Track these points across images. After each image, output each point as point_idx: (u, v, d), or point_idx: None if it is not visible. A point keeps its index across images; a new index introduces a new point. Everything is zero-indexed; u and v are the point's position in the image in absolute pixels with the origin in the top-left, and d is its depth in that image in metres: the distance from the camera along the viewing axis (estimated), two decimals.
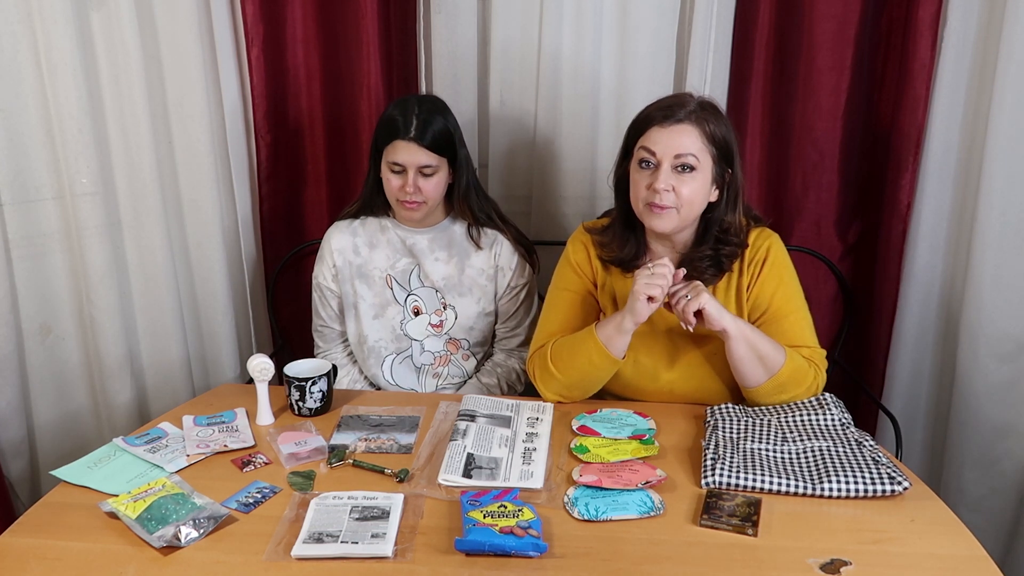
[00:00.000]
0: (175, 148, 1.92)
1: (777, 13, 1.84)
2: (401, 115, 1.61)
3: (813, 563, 1.08)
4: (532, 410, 1.50)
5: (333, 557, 1.09)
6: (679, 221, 1.45)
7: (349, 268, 1.76)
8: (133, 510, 1.15)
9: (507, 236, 1.76)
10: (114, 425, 1.90)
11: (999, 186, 1.72)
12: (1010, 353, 1.77)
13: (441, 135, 1.62)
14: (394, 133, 1.61)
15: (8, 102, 1.66)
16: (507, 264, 1.75)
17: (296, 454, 1.35)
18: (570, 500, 1.21)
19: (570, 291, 1.59)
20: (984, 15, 1.74)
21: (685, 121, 1.41)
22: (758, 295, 1.51)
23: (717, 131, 1.42)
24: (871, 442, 1.31)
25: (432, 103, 1.66)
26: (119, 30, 1.74)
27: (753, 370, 1.42)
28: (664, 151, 1.41)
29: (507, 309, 1.78)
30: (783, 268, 1.52)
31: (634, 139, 1.47)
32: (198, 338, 2.06)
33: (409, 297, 1.75)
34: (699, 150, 1.41)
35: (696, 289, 1.41)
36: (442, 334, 1.75)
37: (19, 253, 1.73)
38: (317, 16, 1.93)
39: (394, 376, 1.78)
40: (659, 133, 1.42)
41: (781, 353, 1.43)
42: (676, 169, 1.41)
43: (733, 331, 1.40)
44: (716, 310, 1.39)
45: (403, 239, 1.75)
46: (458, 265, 1.74)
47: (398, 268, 1.75)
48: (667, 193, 1.41)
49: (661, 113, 1.42)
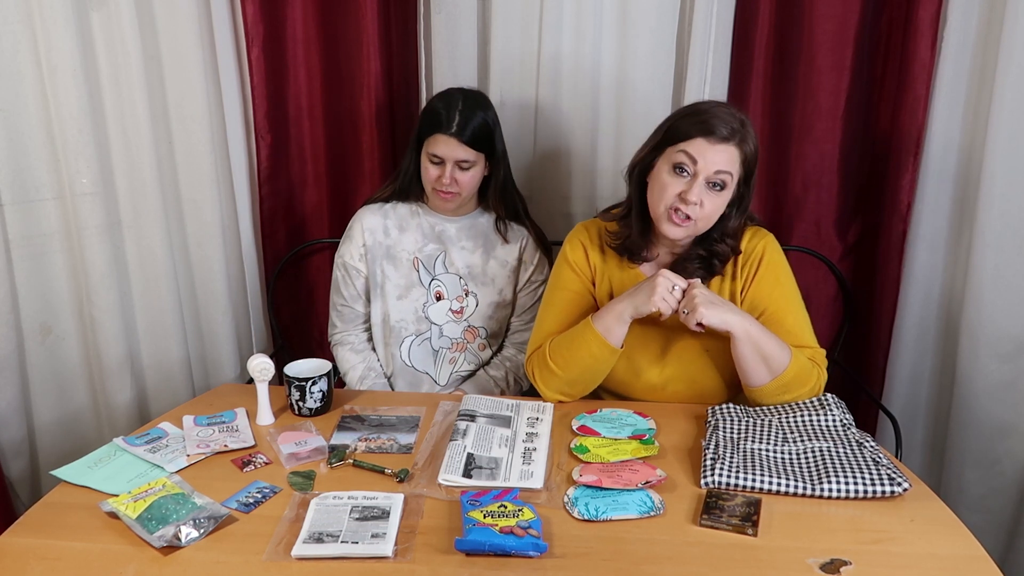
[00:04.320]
0: (175, 148, 1.92)
1: (777, 13, 1.84)
2: (445, 109, 1.66)
3: (813, 563, 1.08)
4: (532, 410, 1.50)
5: (333, 557, 1.09)
6: (692, 232, 1.46)
7: (379, 248, 1.79)
8: (133, 510, 1.15)
9: (531, 233, 1.82)
10: (114, 425, 1.90)
11: (999, 186, 1.72)
12: (1010, 353, 1.77)
13: (481, 131, 1.67)
14: (436, 126, 1.66)
15: (8, 102, 1.66)
16: (530, 259, 1.81)
17: (296, 454, 1.35)
18: (570, 500, 1.21)
19: (568, 290, 1.60)
20: (984, 15, 1.74)
21: (732, 143, 1.40)
22: (754, 296, 1.51)
23: (750, 152, 1.43)
24: (872, 443, 1.31)
25: (475, 99, 1.70)
26: (119, 30, 1.74)
27: (757, 370, 1.42)
28: (705, 164, 1.40)
29: (525, 302, 1.82)
30: (779, 268, 1.52)
31: (672, 140, 1.44)
32: (198, 338, 2.06)
33: (433, 282, 1.79)
34: (735, 170, 1.42)
35: (692, 301, 1.39)
36: (462, 320, 1.79)
37: (19, 253, 1.73)
38: (317, 16, 1.93)
39: (411, 358, 1.80)
40: (705, 146, 1.40)
41: (787, 354, 1.42)
42: (709, 184, 1.41)
43: (739, 333, 1.40)
44: (718, 318, 1.39)
45: (433, 225, 1.79)
46: (483, 255, 1.79)
47: (425, 252, 1.79)
48: (695, 206, 1.41)
49: (708, 126, 1.40)
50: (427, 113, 1.71)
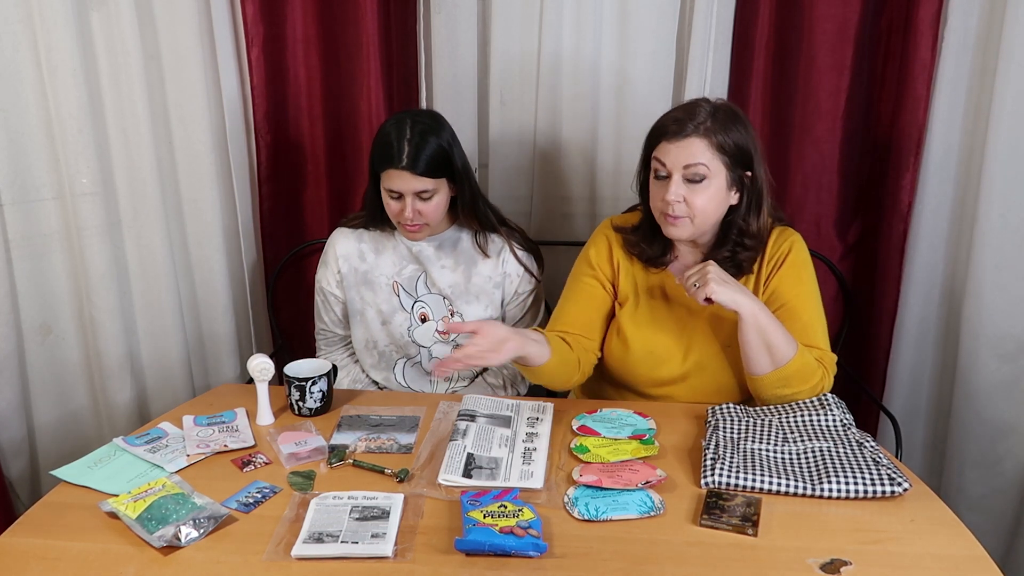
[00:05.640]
0: (175, 148, 1.92)
1: (777, 13, 1.84)
2: (395, 140, 1.57)
3: (813, 563, 1.08)
4: (532, 410, 1.50)
5: (333, 557, 1.09)
6: (694, 229, 1.46)
7: (355, 275, 1.75)
8: (133, 510, 1.15)
9: (513, 241, 1.75)
10: (114, 425, 1.90)
11: (999, 186, 1.72)
12: (1011, 353, 1.77)
13: (435, 158, 1.58)
14: (388, 161, 1.57)
15: (8, 102, 1.66)
16: (514, 271, 1.74)
17: (296, 454, 1.35)
18: (570, 500, 1.21)
19: (585, 282, 1.60)
20: (984, 15, 1.74)
21: (693, 135, 1.41)
22: (776, 288, 1.51)
23: (727, 141, 1.42)
24: (872, 443, 1.31)
25: (424, 123, 1.60)
26: (119, 30, 1.74)
27: (760, 356, 1.42)
28: (673, 163, 1.42)
29: (514, 315, 1.78)
30: (803, 267, 1.53)
31: (649, 149, 1.49)
32: (198, 338, 2.06)
33: (416, 304, 1.73)
34: (709, 159, 1.41)
35: (705, 276, 1.39)
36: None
37: (19, 253, 1.73)
38: (317, 16, 1.93)
39: (407, 379, 1.79)
40: (668, 147, 1.43)
41: (792, 347, 1.42)
42: (687, 180, 1.42)
43: (746, 314, 1.40)
44: (728, 296, 1.38)
45: (409, 247, 1.73)
46: (465, 273, 1.73)
47: (404, 275, 1.74)
48: (678, 204, 1.42)
49: (671, 127, 1.43)
50: (377, 145, 1.61)
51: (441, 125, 1.63)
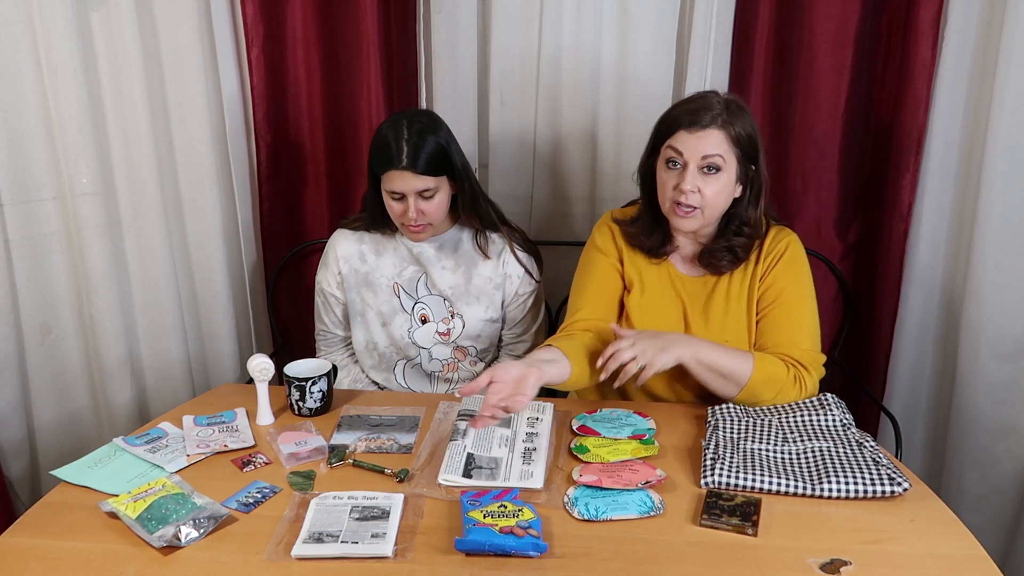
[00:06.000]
0: (175, 148, 1.92)
1: (777, 13, 1.84)
2: (394, 141, 1.57)
3: (813, 563, 1.08)
4: (532, 410, 1.50)
5: (333, 557, 1.09)
6: (703, 221, 1.47)
7: (355, 276, 1.75)
8: (133, 510, 1.15)
9: (514, 241, 1.74)
10: (114, 425, 1.90)
11: (999, 186, 1.71)
12: (1011, 353, 1.77)
13: (435, 156, 1.58)
14: (387, 162, 1.57)
15: (8, 102, 1.66)
16: (515, 272, 1.74)
17: (296, 454, 1.35)
18: (570, 500, 1.21)
19: (598, 263, 1.60)
20: (984, 15, 1.74)
21: (712, 126, 1.42)
22: (770, 284, 1.52)
23: (742, 132, 1.43)
24: (872, 443, 1.31)
25: (422, 122, 1.60)
26: (119, 30, 1.74)
27: (720, 387, 1.44)
28: (691, 154, 1.43)
29: (514, 316, 1.77)
30: (798, 266, 1.54)
31: (661, 139, 1.48)
32: (198, 338, 2.06)
33: (416, 305, 1.73)
34: (725, 151, 1.43)
35: (636, 357, 1.35)
36: (449, 342, 1.74)
37: (19, 253, 1.73)
38: (317, 16, 1.93)
39: (407, 381, 1.79)
40: (686, 137, 1.43)
41: (747, 363, 1.43)
42: (702, 170, 1.43)
43: (688, 361, 1.41)
44: (666, 359, 1.37)
45: (410, 248, 1.73)
46: (465, 274, 1.73)
47: (405, 276, 1.74)
48: (693, 194, 1.43)
49: (688, 118, 1.43)
50: (376, 147, 1.61)
51: (437, 123, 1.64)
